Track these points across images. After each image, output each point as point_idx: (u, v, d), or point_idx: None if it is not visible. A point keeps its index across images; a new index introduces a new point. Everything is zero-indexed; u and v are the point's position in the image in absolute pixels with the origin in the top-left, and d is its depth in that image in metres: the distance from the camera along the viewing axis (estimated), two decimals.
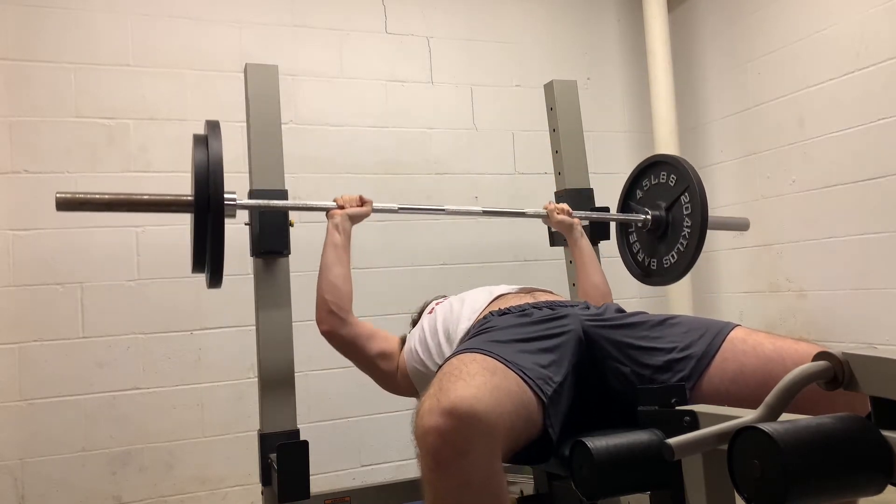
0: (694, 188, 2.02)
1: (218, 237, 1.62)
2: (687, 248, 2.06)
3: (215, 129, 1.67)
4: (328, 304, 1.75)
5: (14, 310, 2.45)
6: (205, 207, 1.59)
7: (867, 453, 0.68)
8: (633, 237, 2.32)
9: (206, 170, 1.60)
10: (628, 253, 2.33)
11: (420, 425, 0.99)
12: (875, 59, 2.50)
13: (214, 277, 1.69)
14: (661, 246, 2.18)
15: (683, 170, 2.07)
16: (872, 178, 2.52)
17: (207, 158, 1.61)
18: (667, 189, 2.14)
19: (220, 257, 1.64)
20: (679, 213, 2.09)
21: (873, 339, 2.55)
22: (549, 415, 1.13)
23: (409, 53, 3.09)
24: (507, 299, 1.57)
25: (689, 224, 2.05)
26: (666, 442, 0.75)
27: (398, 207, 2.04)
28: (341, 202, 1.89)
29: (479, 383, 1.04)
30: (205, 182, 1.60)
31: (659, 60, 3.19)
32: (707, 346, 1.27)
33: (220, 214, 1.61)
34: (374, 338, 1.77)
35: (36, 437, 2.44)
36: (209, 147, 1.62)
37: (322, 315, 1.76)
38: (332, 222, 1.86)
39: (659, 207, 2.16)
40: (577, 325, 1.32)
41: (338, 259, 1.81)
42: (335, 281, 1.77)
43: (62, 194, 1.59)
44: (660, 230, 2.16)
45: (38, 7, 2.55)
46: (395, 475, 2.79)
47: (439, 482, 0.98)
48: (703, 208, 1.99)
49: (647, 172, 2.23)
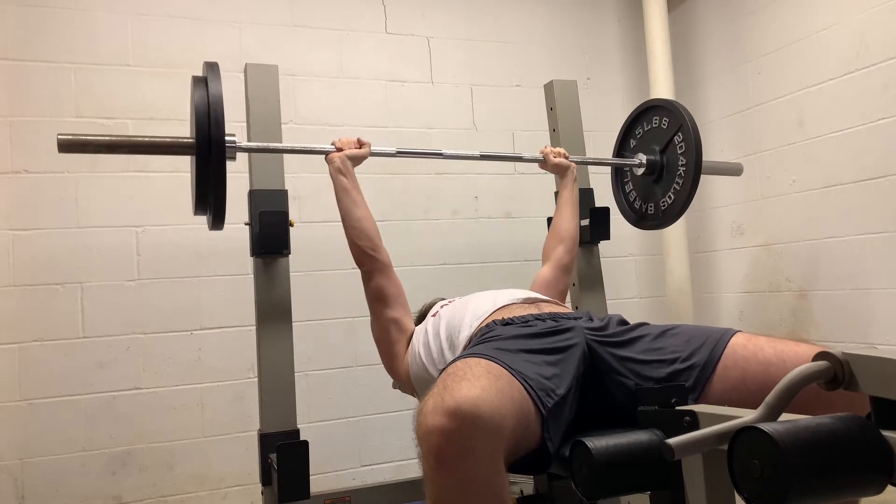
0: (687, 127, 2.05)
1: (219, 177, 1.64)
2: (682, 188, 2.09)
3: (214, 70, 1.67)
4: (362, 249, 1.81)
5: (14, 310, 2.45)
6: (206, 148, 1.61)
7: (867, 453, 0.69)
8: (628, 185, 2.35)
9: (207, 110, 1.61)
10: (623, 199, 2.38)
11: (423, 424, 0.99)
12: (875, 59, 2.50)
13: (216, 218, 1.71)
14: (656, 189, 2.21)
15: (676, 111, 2.10)
16: (872, 178, 2.52)
17: (207, 98, 1.61)
18: (661, 132, 2.17)
19: (223, 198, 1.67)
20: (673, 154, 2.12)
21: (873, 339, 2.55)
22: (549, 427, 1.13)
23: (409, 53, 3.09)
24: (512, 309, 1.56)
25: (684, 163, 2.07)
26: (666, 442, 0.75)
27: (396, 150, 2.09)
28: (339, 144, 1.93)
29: (483, 385, 1.04)
30: (205, 122, 1.61)
31: (659, 60, 3.19)
32: (709, 355, 1.27)
33: (222, 155, 1.63)
34: (398, 302, 1.82)
35: (36, 437, 2.43)
36: (209, 87, 1.62)
37: (360, 259, 1.82)
38: (334, 166, 1.90)
39: (653, 151, 2.20)
40: (581, 339, 1.32)
41: (353, 202, 1.86)
42: (359, 224, 1.83)
43: (64, 136, 1.61)
44: (654, 174, 2.19)
45: (38, 7, 2.55)
46: (395, 475, 2.79)
47: (441, 481, 0.97)
48: (696, 147, 2.03)
49: (642, 118, 2.26)
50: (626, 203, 2.36)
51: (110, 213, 2.57)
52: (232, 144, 1.74)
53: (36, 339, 2.46)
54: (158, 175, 2.64)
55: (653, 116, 2.20)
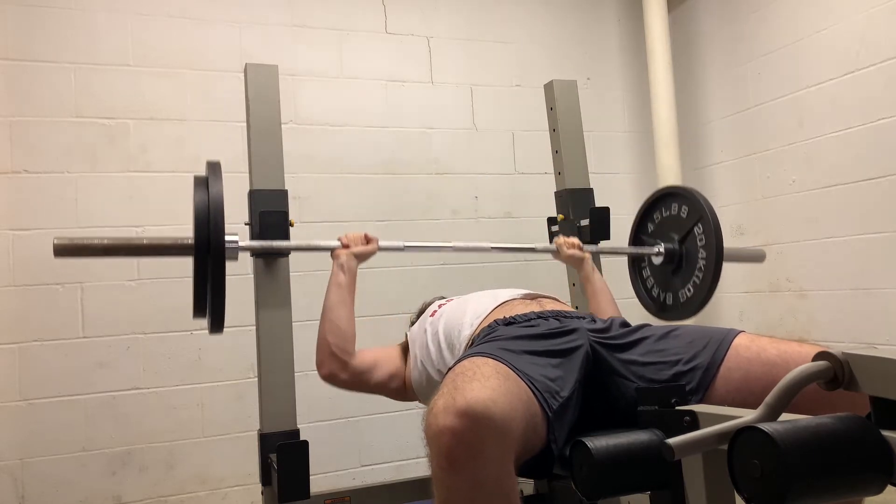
0: (707, 220, 1.94)
1: (219, 281, 1.57)
2: (703, 281, 1.98)
3: (216, 170, 1.61)
4: (330, 347, 1.70)
5: (14, 310, 2.45)
6: (205, 251, 1.55)
7: (867, 453, 0.68)
8: (646, 271, 2.24)
9: (207, 212, 1.55)
10: (642, 287, 2.25)
11: (434, 424, 0.98)
12: (875, 59, 2.50)
13: (215, 324, 1.63)
14: (675, 279, 2.10)
15: (696, 201, 2.00)
16: (872, 178, 2.52)
17: (208, 201, 1.56)
18: (679, 221, 2.07)
19: (222, 302, 1.59)
20: (693, 245, 2.02)
21: (873, 339, 2.55)
22: (554, 429, 1.12)
23: (409, 53, 3.09)
24: (513, 306, 1.55)
25: (705, 256, 1.98)
26: (666, 442, 0.75)
27: (403, 245, 1.96)
28: (346, 241, 1.83)
29: (494, 385, 1.04)
30: (205, 225, 1.55)
31: (659, 60, 3.19)
32: (712, 357, 1.26)
33: (221, 258, 1.56)
34: (378, 365, 1.74)
35: (36, 437, 2.44)
36: (209, 189, 1.56)
37: (322, 357, 1.71)
38: (338, 262, 1.80)
39: (672, 240, 2.09)
40: (585, 341, 1.31)
41: (341, 300, 1.75)
42: (338, 322, 1.72)
43: (60, 240, 1.53)
44: (674, 263, 2.08)
45: (38, 7, 2.55)
46: (395, 475, 2.79)
47: (452, 482, 0.97)
48: (717, 240, 1.92)
49: (658, 204, 2.16)
50: (644, 292, 2.22)
51: (110, 213, 2.58)
52: (233, 245, 1.67)
53: (36, 339, 2.46)
54: (159, 175, 2.64)
55: (671, 203, 2.09)
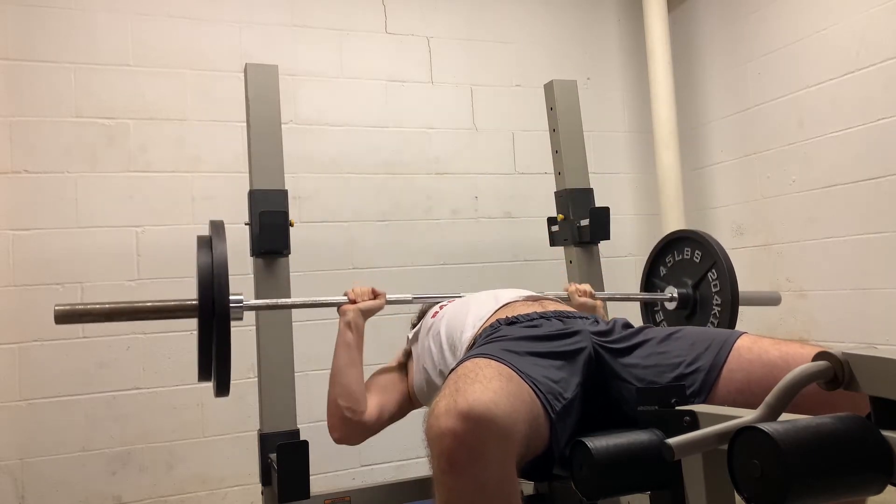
0: (721, 265, 1.93)
1: (224, 343, 1.55)
2: (719, 325, 1.96)
3: (219, 231, 1.59)
4: (342, 410, 1.67)
5: (14, 310, 2.45)
6: (209, 313, 1.53)
7: (867, 453, 0.68)
8: (659, 316, 2.21)
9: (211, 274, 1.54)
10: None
11: (435, 426, 0.97)
12: (875, 59, 2.50)
13: (221, 386, 1.61)
14: (690, 325, 2.07)
15: (709, 245, 1.99)
16: (872, 179, 2.52)
17: (212, 262, 1.54)
18: (692, 265, 2.06)
19: (227, 364, 1.58)
20: (707, 290, 2.00)
21: (873, 338, 2.55)
22: (556, 430, 1.12)
23: (409, 53, 3.09)
24: (515, 307, 1.54)
25: (719, 302, 1.96)
26: (666, 442, 0.75)
27: (412, 297, 1.91)
28: (353, 296, 1.77)
29: (496, 387, 1.03)
30: (209, 287, 1.54)
31: (659, 60, 3.19)
32: (714, 359, 1.26)
33: (226, 320, 1.55)
34: (385, 404, 1.71)
35: (36, 437, 2.44)
36: (213, 249, 1.55)
37: (335, 421, 1.69)
38: (345, 319, 1.75)
39: (685, 285, 2.06)
40: (588, 343, 1.31)
41: (351, 361, 1.71)
42: (348, 385, 1.68)
43: (61, 307, 1.49)
44: (688, 308, 2.06)
45: (38, 7, 2.55)
46: (395, 475, 2.79)
47: (453, 485, 0.97)
48: (732, 285, 1.91)
49: (670, 248, 2.15)
50: None
51: (110, 213, 2.58)
52: (237, 305, 1.64)
53: (36, 339, 2.46)
54: (159, 175, 2.64)
55: (683, 247, 2.08)
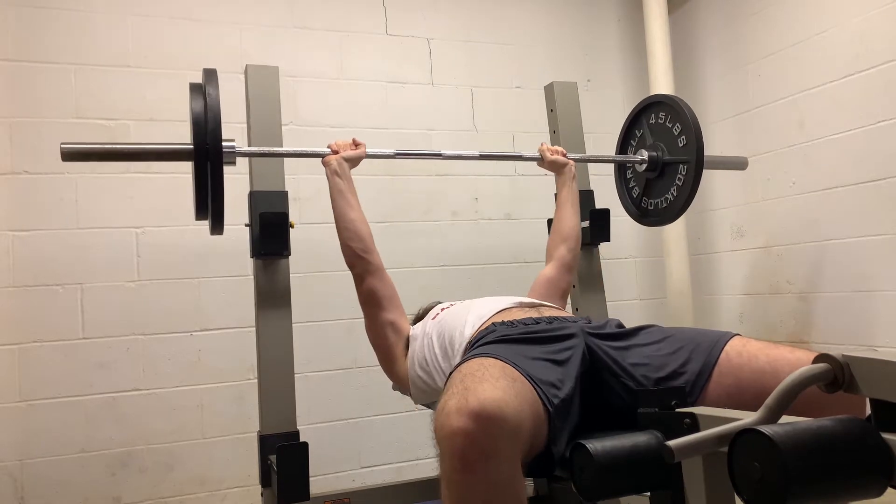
0: (688, 122, 2.06)
1: (218, 183, 1.67)
2: (683, 185, 2.09)
3: (212, 77, 1.69)
4: (354, 250, 1.80)
5: (14, 310, 2.45)
6: (204, 154, 1.64)
7: (867, 456, 0.68)
8: (631, 179, 2.35)
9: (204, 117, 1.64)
10: (626, 195, 2.38)
11: (447, 425, 0.98)
12: (875, 61, 2.50)
13: (216, 223, 1.74)
14: (658, 186, 2.22)
15: (678, 106, 2.10)
16: (873, 181, 2.52)
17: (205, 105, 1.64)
18: (663, 128, 2.17)
19: (221, 204, 1.70)
20: (676, 151, 2.12)
21: (873, 341, 2.55)
22: (555, 426, 1.13)
23: (409, 55, 3.09)
24: (512, 312, 1.57)
25: (686, 159, 2.07)
26: (666, 444, 0.75)
27: (394, 152, 2.10)
28: (335, 147, 1.94)
29: (503, 386, 1.04)
30: (203, 129, 1.64)
31: (659, 62, 3.19)
32: (704, 362, 1.28)
33: (219, 160, 1.66)
34: (393, 303, 1.81)
35: (36, 438, 2.43)
36: (206, 94, 1.65)
37: (352, 260, 1.81)
38: (330, 168, 1.90)
39: (656, 147, 2.20)
40: (582, 342, 1.32)
41: (348, 204, 1.86)
42: (352, 226, 1.82)
43: (67, 145, 1.67)
44: (657, 170, 2.20)
45: (38, 7, 2.55)
46: (394, 477, 2.79)
47: (466, 484, 0.97)
48: (698, 142, 2.03)
49: (644, 115, 2.26)
50: (629, 199, 2.37)
51: (110, 213, 2.58)
52: (230, 150, 1.77)
53: (36, 340, 2.46)
54: (158, 176, 2.64)
55: (657, 112, 2.21)
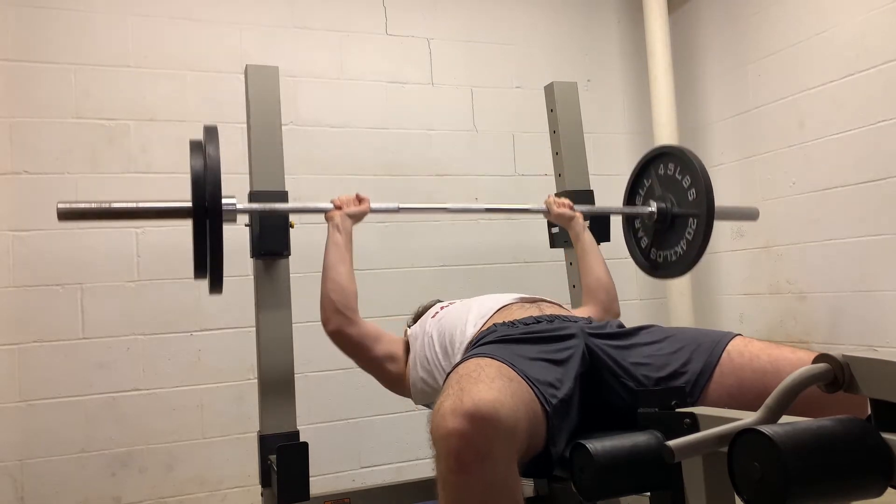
0: (698, 175, 1.98)
1: (217, 243, 1.62)
2: (694, 239, 2.03)
3: (213, 135, 1.66)
4: (334, 304, 1.73)
5: (14, 310, 2.45)
6: (203, 213, 1.59)
7: (867, 456, 0.68)
8: (639, 230, 2.30)
9: (204, 176, 1.60)
10: (635, 246, 2.31)
11: (441, 426, 0.98)
12: (875, 61, 2.50)
13: (215, 283, 1.68)
14: (668, 238, 2.15)
15: (688, 160, 2.04)
16: (873, 181, 2.52)
17: (205, 164, 1.60)
18: (672, 180, 2.12)
19: (220, 263, 1.64)
20: (685, 203, 2.06)
21: (873, 341, 2.55)
22: (553, 426, 1.13)
23: (409, 55, 3.09)
24: (512, 310, 1.56)
25: (696, 214, 2.02)
26: (666, 444, 0.75)
27: (398, 207, 2.02)
28: (339, 203, 1.89)
29: (499, 387, 1.05)
30: (202, 188, 1.59)
31: (659, 62, 3.19)
32: (705, 362, 1.28)
33: (219, 220, 1.61)
34: (381, 339, 1.76)
35: (36, 438, 2.43)
36: (206, 152, 1.61)
37: (328, 314, 1.74)
38: (332, 223, 1.86)
39: (665, 199, 2.14)
40: (582, 343, 1.32)
41: (340, 258, 1.80)
42: (339, 280, 1.76)
43: (63, 204, 1.60)
44: (666, 222, 2.13)
45: (38, 8, 2.55)
46: (394, 477, 2.79)
47: (461, 484, 0.97)
48: (709, 198, 1.96)
49: (653, 164, 2.21)
50: (638, 251, 2.28)
51: None
52: (230, 207, 1.72)
53: (36, 340, 2.46)
54: (159, 176, 2.64)
55: (665, 163, 2.14)
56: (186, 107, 2.71)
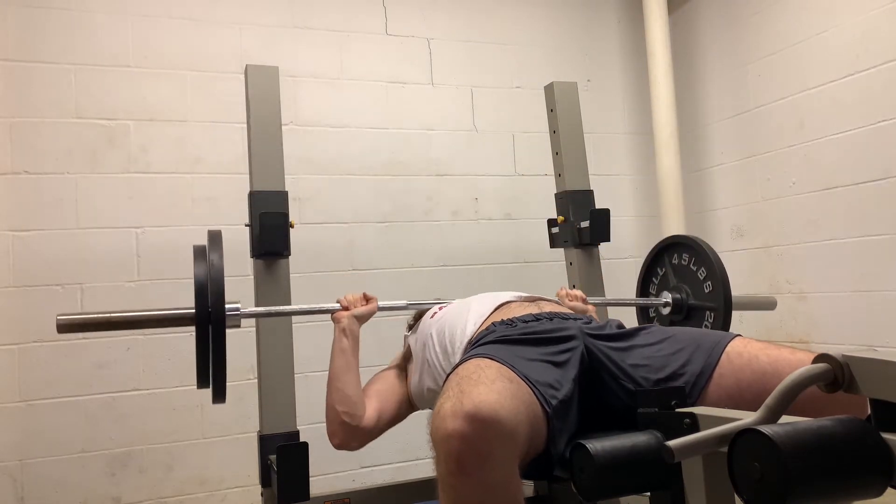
0: (713, 268, 1.97)
1: (220, 350, 1.58)
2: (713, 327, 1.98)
3: (216, 241, 1.61)
4: (340, 416, 1.66)
5: (14, 310, 2.45)
6: (206, 322, 1.56)
7: (867, 455, 0.68)
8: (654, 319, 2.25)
9: (206, 283, 1.57)
10: None
11: (442, 428, 0.98)
12: (875, 61, 2.50)
13: (218, 392, 1.63)
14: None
15: (702, 251, 2.03)
16: (873, 181, 2.52)
17: (208, 271, 1.57)
18: (686, 271, 2.10)
19: (223, 370, 1.60)
20: (701, 294, 2.04)
21: (873, 341, 2.54)
22: (553, 427, 1.13)
23: (409, 55, 3.09)
24: (511, 309, 1.56)
25: (714, 308, 1.99)
26: (666, 444, 0.75)
27: (406, 304, 1.91)
28: (345, 303, 1.80)
29: (499, 388, 1.04)
30: (205, 295, 1.56)
31: (659, 62, 3.19)
32: (704, 363, 1.27)
33: (222, 327, 1.58)
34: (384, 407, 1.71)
35: (36, 438, 2.43)
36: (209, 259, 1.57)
37: (334, 428, 1.68)
38: (339, 327, 1.77)
39: (679, 290, 2.11)
40: (582, 343, 1.32)
41: (347, 366, 1.73)
42: (345, 389, 1.69)
43: (63, 317, 1.54)
44: (682, 313, 2.10)
45: (38, 8, 2.55)
46: (394, 477, 2.78)
47: (461, 486, 0.97)
48: (725, 290, 1.94)
49: (666, 253, 2.18)
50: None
51: (110, 213, 2.58)
52: (234, 313, 1.67)
53: (36, 340, 2.46)
54: (159, 176, 2.64)
55: (678, 253, 2.13)
56: (186, 107, 2.71)
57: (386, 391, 1.74)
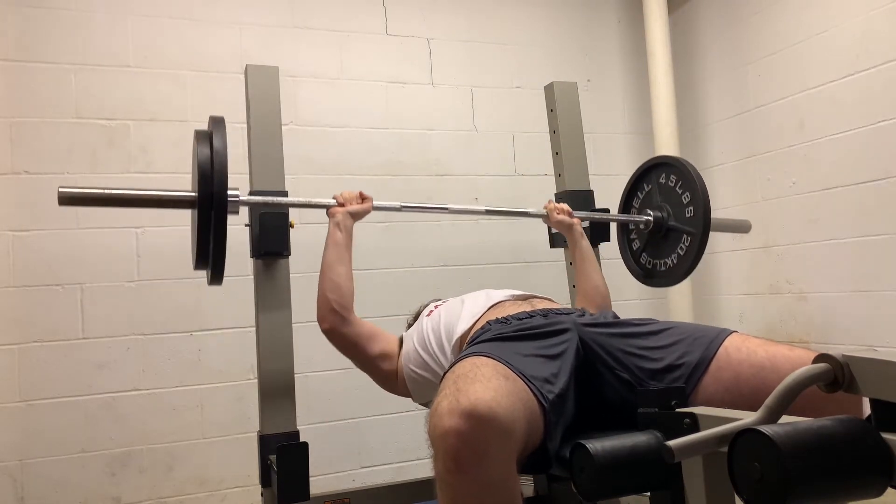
0: (696, 189, 2.01)
1: (220, 234, 1.61)
2: (689, 250, 2.05)
3: (219, 126, 1.65)
4: (330, 303, 1.73)
5: (14, 310, 2.45)
6: (208, 204, 1.59)
7: (867, 456, 0.68)
8: (634, 239, 2.31)
9: (210, 166, 1.59)
10: (629, 254, 2.33)
11: (439, 426, 0.98)
12: (875, 61, 2.50)
13: (216, 275, 1.69)
14: (662, 247, 2.17)
15: (686, 171, 2.06)
16: (873, 181, 2.52)
17: (211, 154, 1.60)
18: (669, 190, 2.13)
19: (223, 254, 1.64)
20: (681, 214, 2.08)
21: (873, 341, 2.55)
22: (550, 421, 1.13)
23: (409, 55, 3.09)
24: (505, 307, 1.57)
25: (691, 225, 2.04)
26: (666, 444, 0.75)
27: (400, 205, 2.03)
28: (341, 199, 1.88)
29: (496, 386, 1.05)
30: (208, 178, 1.59)
31: (659, 62, 3.19)
32: (702, 355, 1.28)
33: (223, 211, 1.60)
34: (376, 338, 1.76)
35: (35, 438, 2.43)
36: (213, 143, 1.61)
37: (324, 313, 1.74)
38: (334, 221, 1.85)
39: (661, 209, 2.15)
40: (576, 336, 1.33)
41: (339, 257, 1.80)
42: (337, 279, 1.76)
43: (65, 189, 1.58)
44: (661, 231, 2.15)
45: (38, 8, 2.55)
46: (394, 477, 2.79)
47: (459, 484, 0.97)
48: (705, 210, 1.98)
49: (650, 174, 2.22)
50: (632, 259, 2.29)
51: (110, 213, 2.57)
52: (234, 199, 1.71)
53: (36, 340, 2.46)
54: (159, 176, 2.64)
55: (663, 173, 2.15)
56: (186, 107, 2.71)
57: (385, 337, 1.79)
